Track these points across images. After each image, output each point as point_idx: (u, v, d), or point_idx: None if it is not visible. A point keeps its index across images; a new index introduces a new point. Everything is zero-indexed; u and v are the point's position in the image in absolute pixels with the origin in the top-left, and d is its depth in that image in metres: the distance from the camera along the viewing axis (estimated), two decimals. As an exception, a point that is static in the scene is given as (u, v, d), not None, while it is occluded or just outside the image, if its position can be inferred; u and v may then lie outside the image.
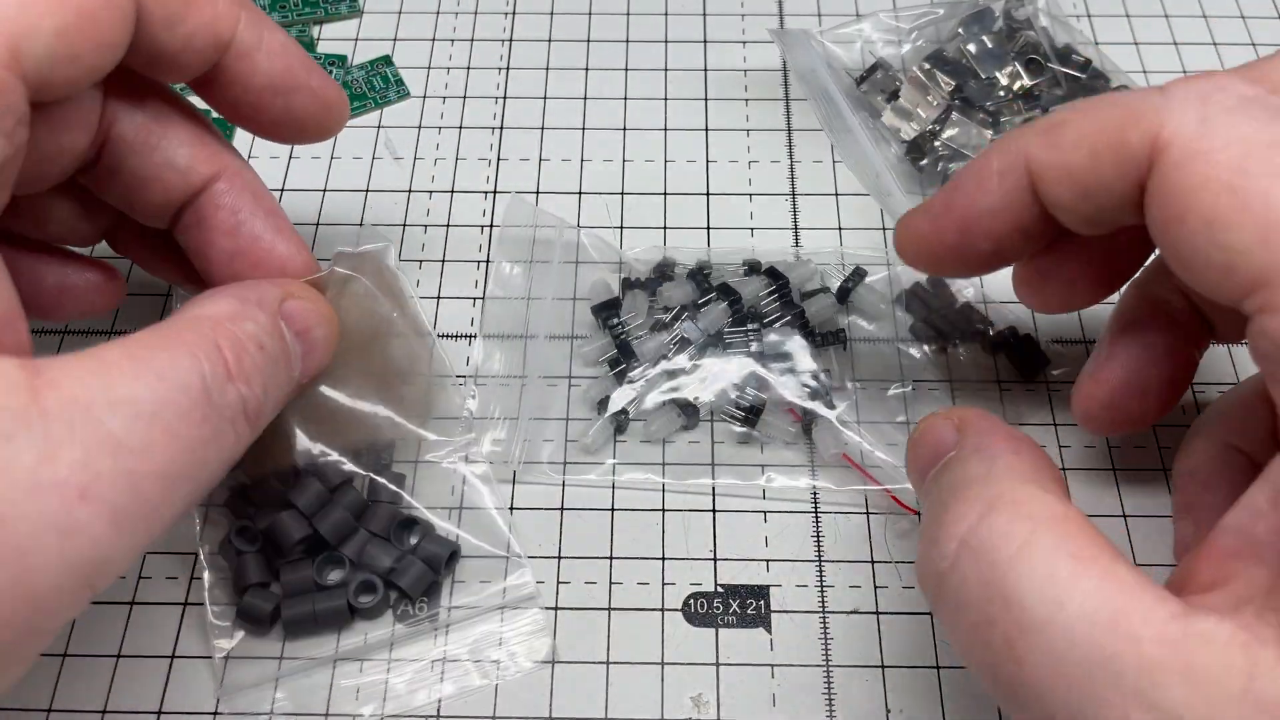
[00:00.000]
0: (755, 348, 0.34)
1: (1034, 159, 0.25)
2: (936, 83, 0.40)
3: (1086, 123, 0.24)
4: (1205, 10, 0.46)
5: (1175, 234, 0.21)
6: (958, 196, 0.26)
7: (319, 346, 0.28)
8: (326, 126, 0.29)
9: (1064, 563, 0.20)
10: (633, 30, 0.45)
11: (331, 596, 0.30)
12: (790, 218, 0.39)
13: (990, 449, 0.24)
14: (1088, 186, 0.24)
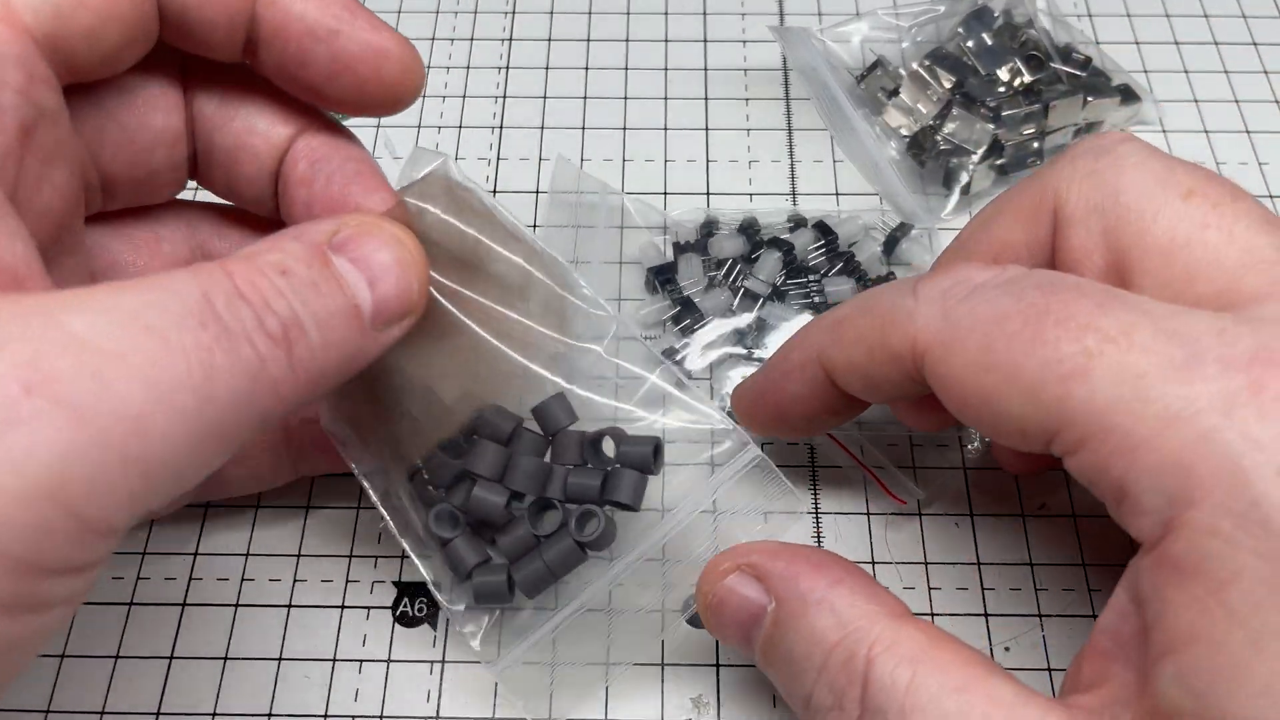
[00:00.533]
0: (818, 300, 0.35)
1: (823, 354, 0.27)
2: (937, 79, 0.40)
3: (860, 323, 0.26)
4: (1206, 9, 0.46)
5: (968, 416, 0.23)
6: (769, 386, 0.29)
7: (389, 270, 0.23)
8: (390, 80, 0.26)
9: (951, 699, 0.21)
10: (633, 29, 0.45)
11: (556, 542, 0.28)
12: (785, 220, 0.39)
13: (816, 594, 0.24)
14: (871, 378, 0.26)
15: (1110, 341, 0.21)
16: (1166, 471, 0.19)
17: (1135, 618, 0.21)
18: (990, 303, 0.23)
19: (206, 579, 0.32)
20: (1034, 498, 0.33)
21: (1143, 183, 0.24)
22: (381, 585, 0.32)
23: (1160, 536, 0.20)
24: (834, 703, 0.22)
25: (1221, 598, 0.19)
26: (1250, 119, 0.42)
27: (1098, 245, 0.25)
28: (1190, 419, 0.19)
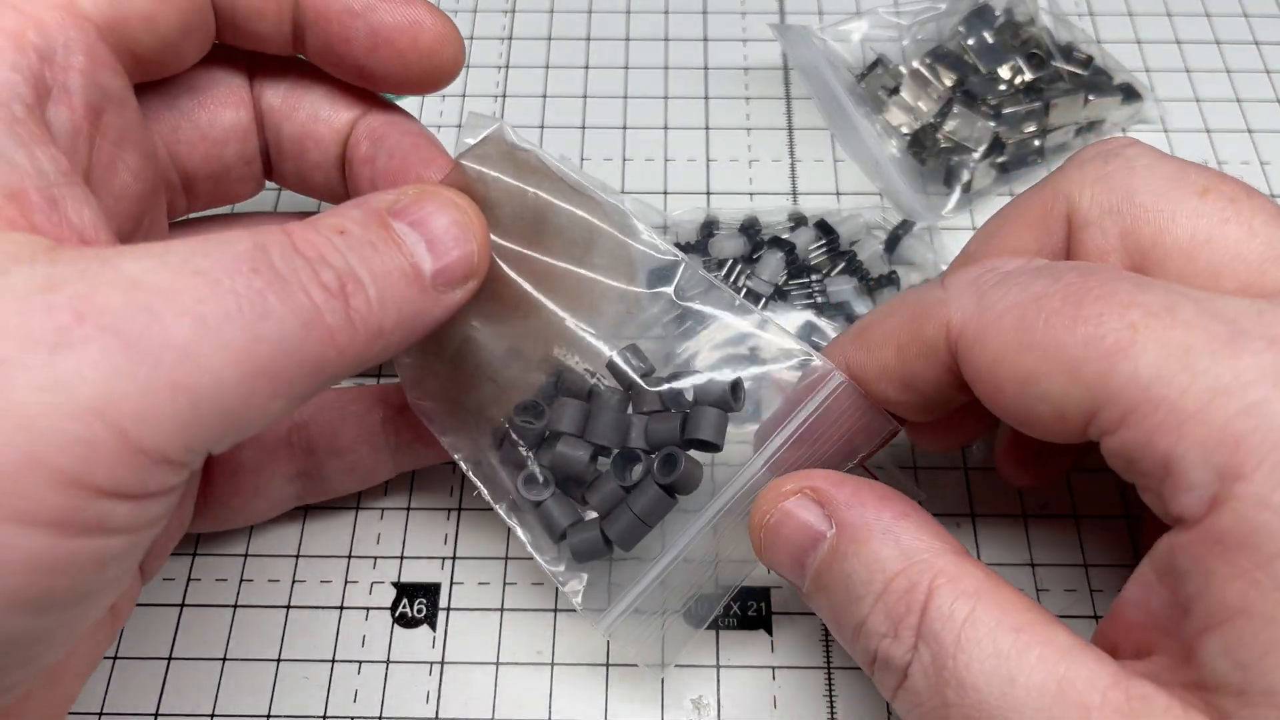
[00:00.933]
0: (820, 299, 0.35)
1: (853, 363, 0.27)
2: (938, 77, 0.40)
3: (887, 324, 0.26)
4: (1207, 9, 0.46)
5: (1002, 402, 0.23)
6: None
7: (448, 233, 0.24)
8: (428, 51, 0.27)
9: (1008, 637, 0.21)
10: (633, 28, 0.45)
11: (643, 491, 0.27)
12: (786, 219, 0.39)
13: (882, 524, 0.23)
14: (904, 379, 0.25)
15: (1154, 317, 0.20)
16: (1215, 444, 0.19)
17: (1164, 591, 0.21)
18: (1025, 286, 0.23)
19: (206, 580, 0.32)
20: (1035, 497, 0.33)
21: (1157, 183, 0.24)
22: (381, 586, 0.31)
23: (1205, 511, 0.19)
24: (889, 630, 0.22)
25: (1271, 571, 0.18)
26: (1252, 118, 0.42)
27: (1115, 247, 0.24)
28: (1239, 391, 0.19)
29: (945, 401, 0.26)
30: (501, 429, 0.28)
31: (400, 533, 0.32)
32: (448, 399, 0.28)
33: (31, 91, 0.21)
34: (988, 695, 0.20)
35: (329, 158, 0.29)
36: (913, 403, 0.26)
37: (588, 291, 0.28)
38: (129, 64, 0.24)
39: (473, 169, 0.27)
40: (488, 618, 0.31)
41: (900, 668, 0.22)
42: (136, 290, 0.18)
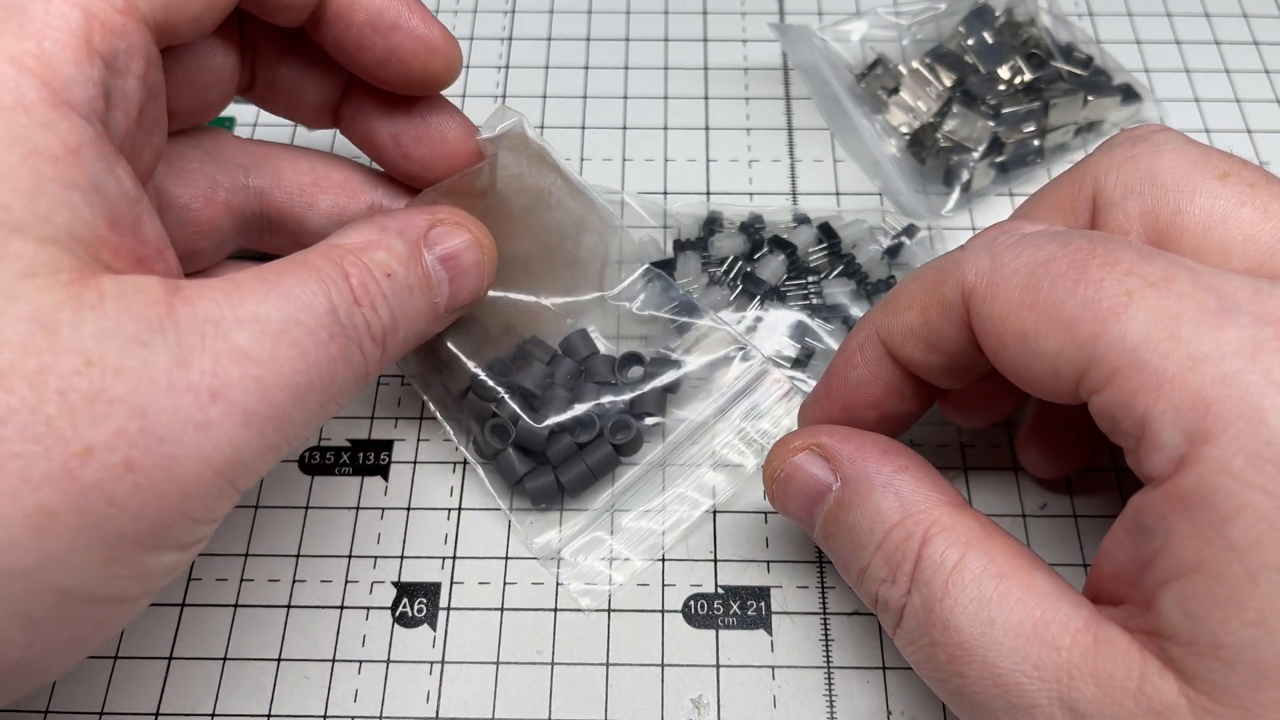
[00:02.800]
0: (816, 301, 0.35)
1: (881, 327, 0.27)
2: (938, 77, 0.40)
3: (912, 287, 0.27)
4: (1207, 9, 0.46)
5: (1004, 357, 0.24)
6: (834, 377, 0.29)
7: (469, 272, 0.28)
8: (434, 71, 0.29)
9: (990, 583, 0.23)
10: (633, 28, 0.45)
11: (596, 449, 0.32)
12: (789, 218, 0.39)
13: (884, 477, 0.25)
14: (928, 340, 0.26)
15: (1151, 286, 0.21)
16: (1187, 409, 0.20)
17: (1130, 547, 0.22)
18: (1038, 248, 0.23)
19: (206, 579, 0.32)
20: (1034, 498, 0.33)
21: (1179, 166, 0.25)
22: (381, 585, 0.31)
23: (1172, 471, 0.20)
24: (887, 575, 0.24)
25: (1224, 531, 0.19)
26: (1251, 118, 0.42)
27: (1135, 226, 0.25)
28: (1217, 360, 0.20)
29: (969, 365, 0.26)
30: (468, 382, 0.32)
31: (400, 532, 0.32)
32: (423, 348, 0.32)
33: (103, 104, 0.22)
34: (969, 635, 0.23)
35: (326, 103, 0.31)
36: (938, 365, 0.27)
37: (564, 280, 0.34)
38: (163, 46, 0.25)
39: (490, 151, 0.31)
40: (488, 617, 0.31)
41: (896, 610, 0.24)
42: (248, 364, 0.22)
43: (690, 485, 0.33)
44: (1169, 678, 0.20)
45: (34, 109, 0.21)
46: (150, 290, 0.21)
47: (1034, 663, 0.22)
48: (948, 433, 0.34)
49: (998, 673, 0.22)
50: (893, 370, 0.28)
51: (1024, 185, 0.40)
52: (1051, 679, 0.21)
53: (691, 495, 0.32)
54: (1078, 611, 0.22)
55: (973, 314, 0.24)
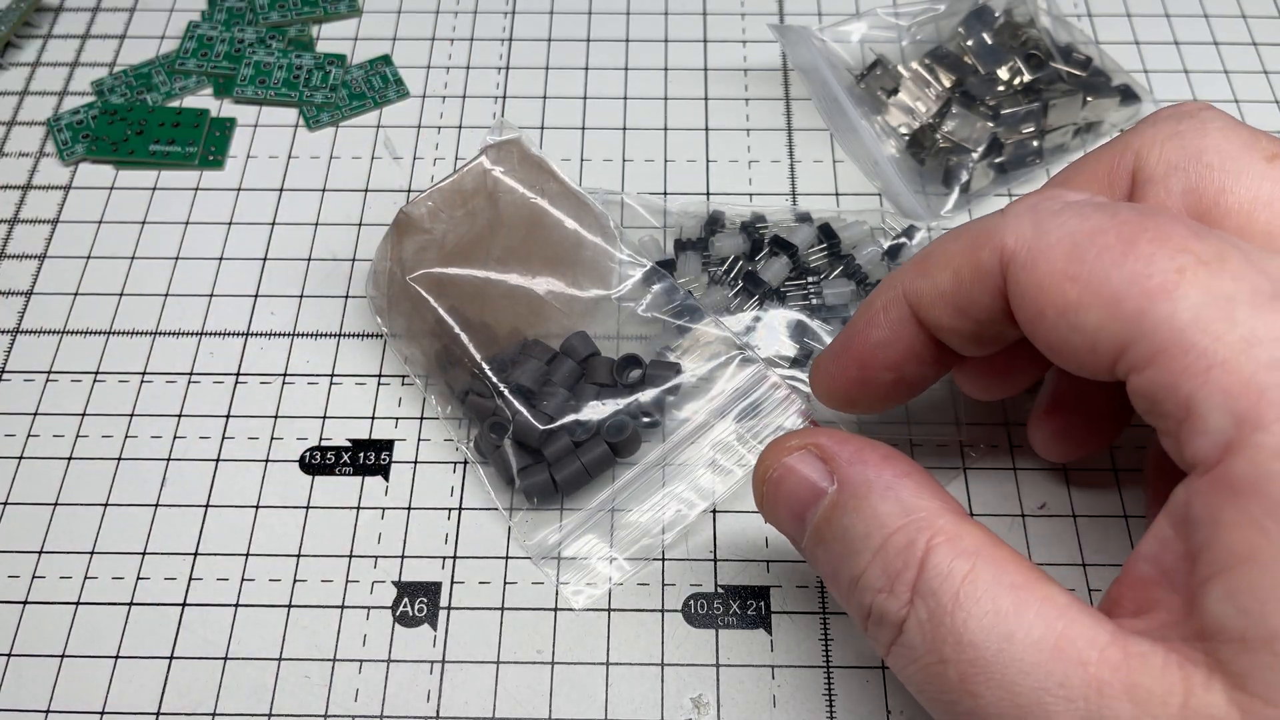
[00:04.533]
0: (815, 301, 0.35)
1: (908, 288, 0.26)
2: (937, 78, 0.40)
3: (948, 248, 0.25)
4: (1206, 10, 0.46)
5: (1039, 329, 0.23)
6: (854, 336, 0.28)
7: None
8: None
9: (1006, 595, 0.21)
10: (633, 29, 0.45)
11: (591, 448, 0.32)
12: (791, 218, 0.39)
13: (883, 481, 0.24)
14: (958, 304, 0.25)
15: (1203, 265, 0.20)
16: (1238, 392, 0.19)
17: (1178, 543, 0.21)
18: (1084, 217, 0.23)
19: (206, 579, 0.32)
20: (1034, 498, 0.33)
21: (1226, 145, 0.25)
22: (381, 585, 0.32)
23: (1219, 458, 0.20)
24: (885, 584, 0.22)
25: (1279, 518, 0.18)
26: (1250, 119, 0.42)
27: (1177, 204, 0.25)
28: (1271, 344, 0.19)
29: (997, 334, 0.25)
30: (466, 389, 0.33)
31: (401, 532, 0.32)
32: (428, 347, 0.33)
33: None
34: (985, 651, 0.21)
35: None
36: (966, 331, 0.26)
37: (565, 286, 0.34)
38: None
39: (492, 156, 0.33)
40: (488, 617, 0.31)
41: (895, 623, 0.22)
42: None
43: (689, 485, 0.33)
44: (1216, 688, 0.19)
45: None
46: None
47: (1059, 680, 0.20)
48: (948, 432, 0.34)
49: (1018, 692, 0.20)
50: (916, 333, 0.27)
51: (1023, 186, 0.40)
52: (1079, 698, 0.20)
53: (690, 495, 0.33)
54: (1100, 625, 0.21)
55: (1010, 281, 0.23)
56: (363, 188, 0.40)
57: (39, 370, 0.36)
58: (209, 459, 0.34)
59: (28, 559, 0.32)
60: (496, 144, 0.34)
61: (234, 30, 0.44)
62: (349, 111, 0.42)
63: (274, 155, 0.41)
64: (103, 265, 0.38)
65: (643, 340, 0.35)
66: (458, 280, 0.34)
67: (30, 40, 0.45)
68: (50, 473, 0.34)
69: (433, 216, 0.34)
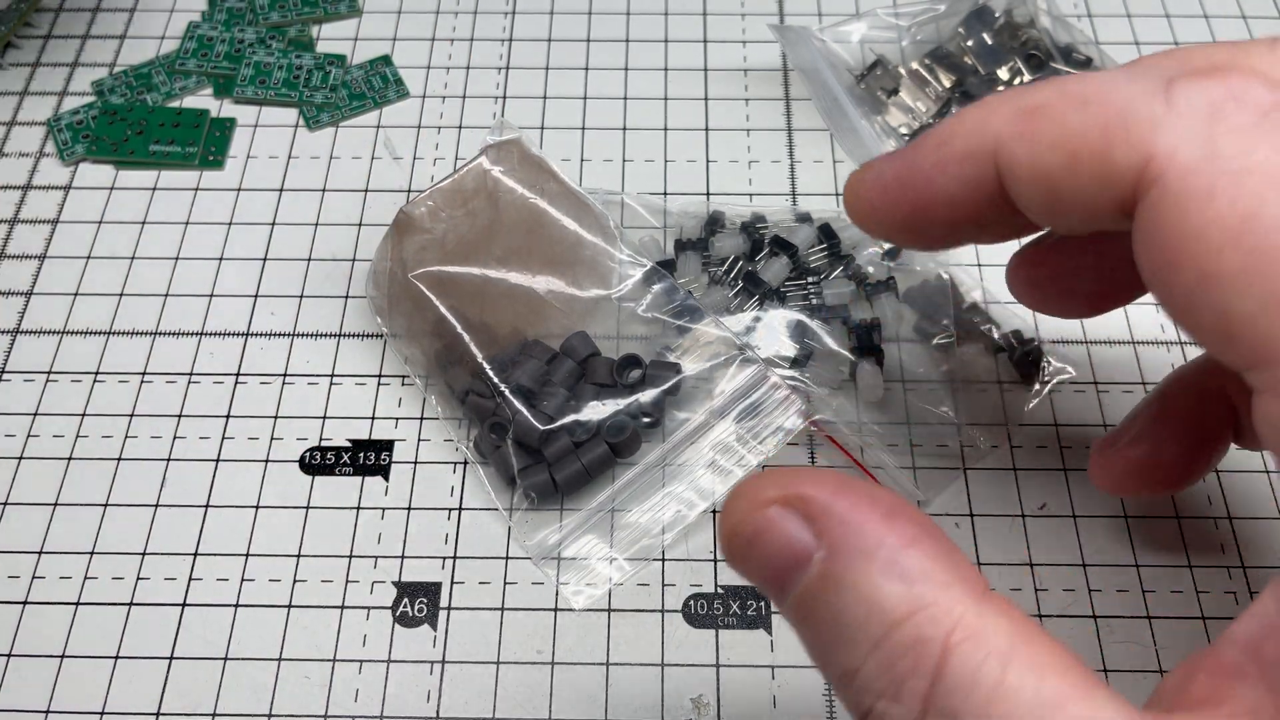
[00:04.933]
0: (815, 301, 0.35)
1: (1005, 151, 0.21)
2: (937, 78, 0.40)
3: (1068, 120, 0.20)
4: (1206, 10, 0.46)
5: (1167, 281, 0.18)
6: (912, 173, 0.23)
7: None
8: None
9: (1049, 686, 0.17)
10: (633, 30, 0.45)
11: (591, 448, 0.32)
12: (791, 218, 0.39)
13: (886, 551, 0.18)
14: (1062, 195, 0.20)
15: None
16: None
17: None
18: (1272, 143, 0.17)
19: (206, 579, 0.32)
20: (1034, 498, 0.33)
21: None
22: (381, 585, 0.32)
23: None
24: (888, 689, 0.18)
25: None
26: (1250, 119, 0.42)
27: None
28: None
29: (1088, 229, 0.21)
30: (468, 382, 0.33)
31: (401, 532, 0.32)
32: (429, 347, 0.34)
33: None
34: None
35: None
36: (1054, 220, 0.21)
37: (565, 285, 0.34)
38: None
39: (492, 156, 0.33)
40: (488, 617, 0.31)
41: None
42: None
43: (689, 486, 0.33)
44: None
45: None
46: None
47: None
48: (947, 432, 0.34)
49: None
50: (992, 198, 0.21)
51: (1023, 186, 0.40)
52: None
53: (690, 496, 0.33)
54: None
55: (1147, 207, 0.18)
56: (363, 188, 0.40)
57: (39, 370, 0.36)
58: (209, 459, 0.34)
59: (28, 559, 0.32)
60: (497, 144, 0.34)
61: (234, 30, 0.44)
62: (349, 112, 0.42)
63: (274, 155, 0.41)
64: (103, 265, 0.38)
65: (643, 340, 0.35)
66: (459, 279, 0.34)
67: (30, 40, 0.45)
68: (50, 473, 0.34)
69: (433, 216, 0.34)
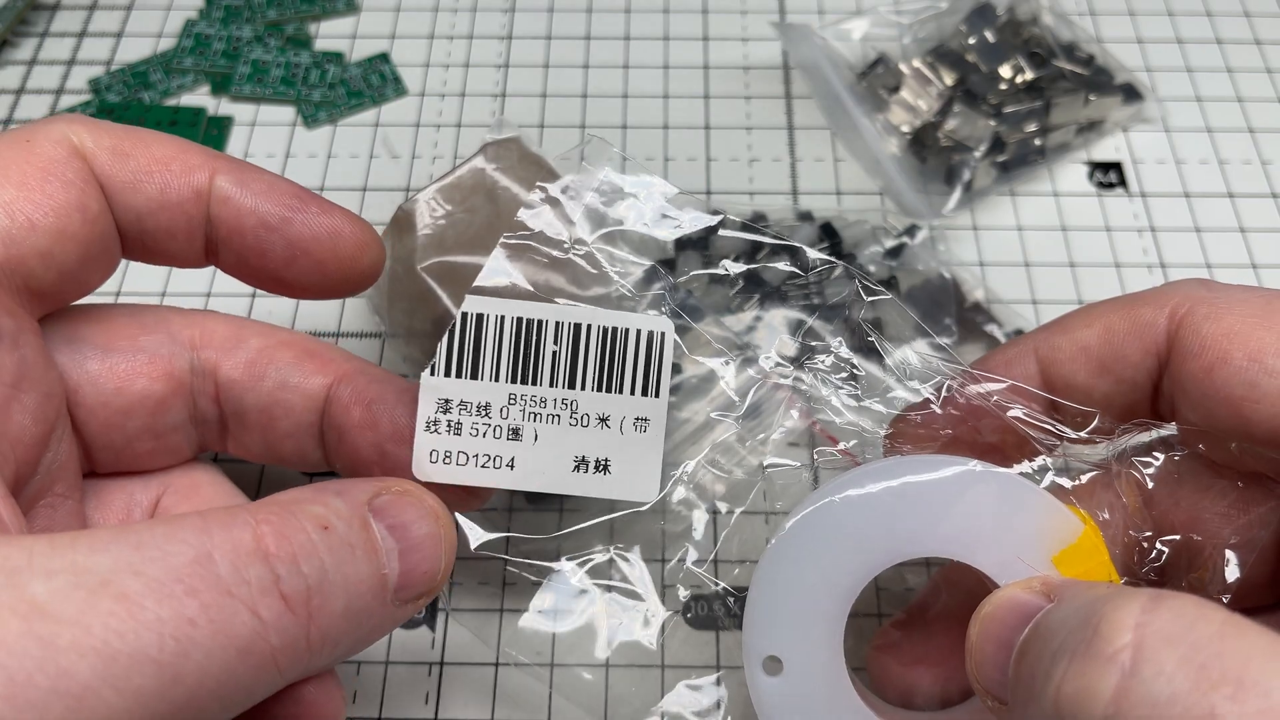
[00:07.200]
0: (816, 300, 0.35)
1: (1041, 344, 0.25)
2: (939, 76, 0.40)
3: (1093, 310, 0.25)
4: (1209, 8, 0.45)
5: (1222, 375, 0.22)
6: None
7: (422, 545, 0.23)
8: (346, 256, 0.26)
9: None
10: (633, 27, 0.45)
11: None
12: (793, 216, 0.39)
13: (1101, 584, 0.22)
14: (1102, 360, 0.24)
15: None
16: None
17: None
18: (1251, 292, 0.23)
19: (203, 580, 0.31)
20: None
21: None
22: (380, 586, 0.31)
23: None
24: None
25: None
26: (1253, 117, 0.42)
27: None
28: None
29: (1134, 400, 0.25)
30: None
31: (399, 533, 0.32)
32: (426, 352, 0.33)
33: None
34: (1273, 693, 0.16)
35: (302, 425, 0.26)
36: (1100, 391, 0.25)
37: (568, 280, 0.32)
38: (26, 299, 0.23)
39: (491, 154, 0.32)
40: (488, 618, 0.31)
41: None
42: (38, 618, 0.16)
43: (689, 486, 0.32)
44: None
45: None
46: None
47: None
48: (949, 433, 0.34)
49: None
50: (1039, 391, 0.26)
51: (1025, 184, 0.40)
52: None
53: (690, 496, 0.32)
54: None
55: (1186, 333, 0.23)
56: (361, 186, 0.40)
57: (35, 370, 0.36)
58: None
59: (23, 560, 0.32)
60: (496, 142, 0.34)
61: (231, 28, 0.44)
62: (347, 110, 0.42)
63: (271, 154, 0.41)
64: (99, 264, 0.38)
65: None
66: (460, 273, 0.33)
67: (26, 38, 0.45)
68: (46, 473, 0.33)
69: (432, 214, 0.34)
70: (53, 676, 0.16)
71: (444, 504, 0.24)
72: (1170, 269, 0.38)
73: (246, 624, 0.18)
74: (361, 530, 0.21)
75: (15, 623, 0.16)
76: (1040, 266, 0.38)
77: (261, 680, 0.19)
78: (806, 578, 0.24)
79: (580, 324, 0.27)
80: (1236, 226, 0.39)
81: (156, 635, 0.17)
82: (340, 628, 0.20)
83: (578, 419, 0.26)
